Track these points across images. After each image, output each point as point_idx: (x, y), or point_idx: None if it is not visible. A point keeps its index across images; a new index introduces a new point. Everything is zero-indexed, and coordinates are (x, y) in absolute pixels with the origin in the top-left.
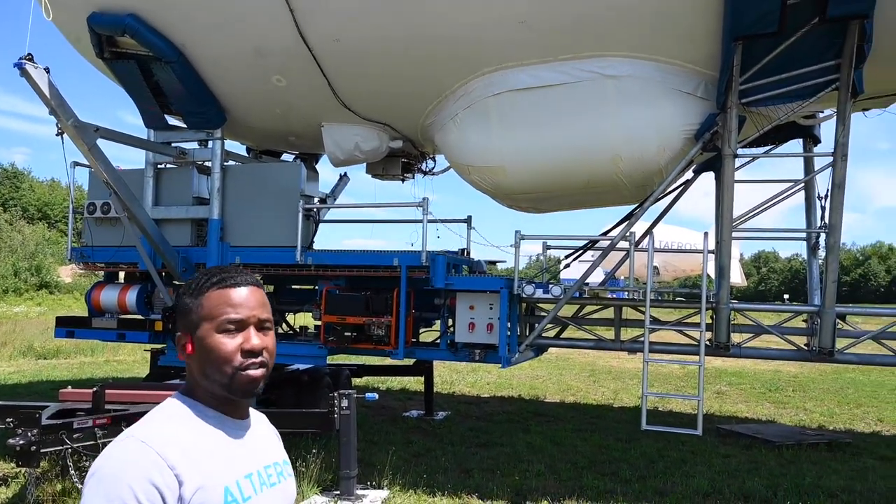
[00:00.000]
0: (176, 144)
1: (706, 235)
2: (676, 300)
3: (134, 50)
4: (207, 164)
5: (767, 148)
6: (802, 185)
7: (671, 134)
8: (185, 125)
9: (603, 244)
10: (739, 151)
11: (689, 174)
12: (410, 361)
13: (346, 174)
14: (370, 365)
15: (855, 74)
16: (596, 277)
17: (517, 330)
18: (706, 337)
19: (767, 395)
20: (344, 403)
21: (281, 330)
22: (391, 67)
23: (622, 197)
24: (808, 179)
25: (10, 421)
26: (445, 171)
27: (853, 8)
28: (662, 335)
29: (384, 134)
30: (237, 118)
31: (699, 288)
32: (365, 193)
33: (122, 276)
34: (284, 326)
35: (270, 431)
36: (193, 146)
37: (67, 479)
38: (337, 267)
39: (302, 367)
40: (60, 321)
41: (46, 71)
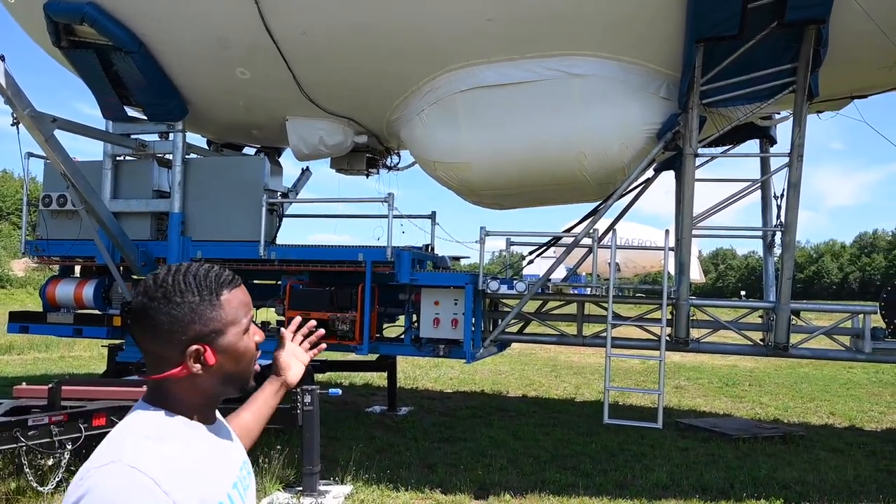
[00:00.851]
0: (136, 136)
1: (667, 233)
2: (637, 296)
3: (93, 39)
4: (168, 156)
5: (726, 148)
6: (759, 184)
7: (634, 133)
8: (145, 117)
9: (566, 241)
10: (699, 151)
11: (650, 172)
12: (374, 357)
13: (308, 168)
14: (333, 361)
15: (811, 77)
16: (559, 274)
17: (481, 325)
18: (666, 332)
19: (725, 389)
20: (307, 399)
21: None
22: (357, 62)
23: (585, 194)
24: (765, 179)
25: None
26: (410, 166)
27: (810, 13)
28: (624, 331)
29: (349, 129)
30: (199, 110)
31: (660, 284)
32: (328, 188)
33: (77, 270)
34: None
35: (227, 424)
36: (154, 138)
37: (22, 477)
38: (301, 262)
39: (264, 363)
40: (13, 316)
41: (1, 59)
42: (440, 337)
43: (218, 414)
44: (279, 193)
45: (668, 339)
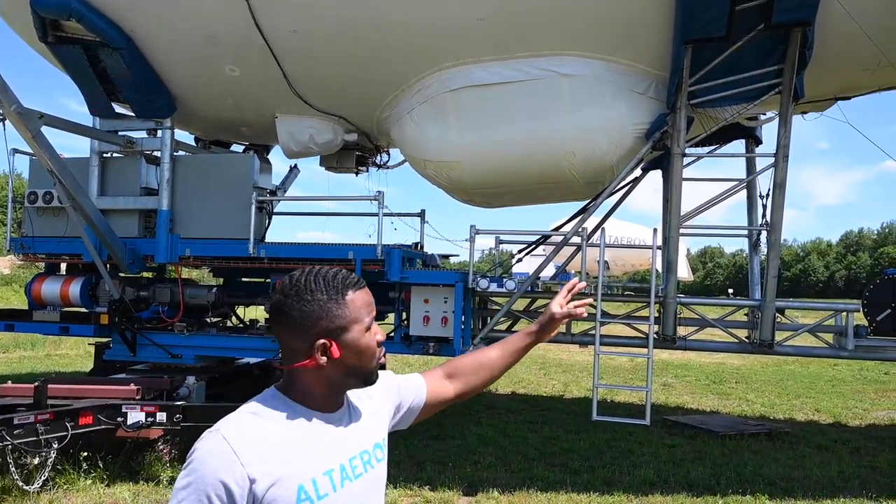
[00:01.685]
0: (123, 133)
1: (655, 231)
2: (626, 294)
3: (80, 35)
4: (156, 153)
5: (713, 148)
6: (745, 184)
7: (623, 132)
8: (133, 114)
9: (555, 239)
10: (686, 150)
11: (638, 171)
12: None
13: (296, 166)
14: None
15: (797, 79)
16: (548, 272)
17: (471, 323)
18: (654, 330)
19: (711, 386)
20: None
21: (231, 323)
22: (348, 60)
23: (574, 193)
24: (750, 179)
25: None
26: (400, 164)
27: (796, 15)
28: (612, 328)
29: (339, 127)
30: (188, 107)
31: (648, 282)
32: (317, 185)
33: (63, 267)
34: (234, 320)
35: (371, 407)
36: (142, 135)
37: (7, 476)
38: (291, 260)
39: (253, 360)
40: None
41: None
42: (430, 335)
43: (352, 402)
44: (268, 191)
45: (655, 336)
